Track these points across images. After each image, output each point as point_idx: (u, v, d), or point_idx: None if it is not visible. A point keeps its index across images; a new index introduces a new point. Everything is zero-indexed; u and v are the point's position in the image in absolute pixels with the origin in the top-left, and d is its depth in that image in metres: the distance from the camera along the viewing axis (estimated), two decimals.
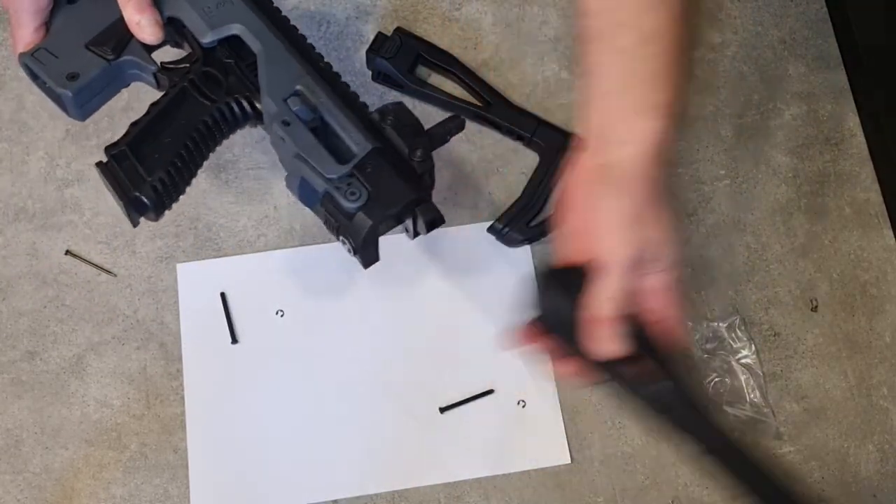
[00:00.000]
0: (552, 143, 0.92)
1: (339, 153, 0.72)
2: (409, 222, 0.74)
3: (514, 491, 0.85)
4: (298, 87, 0.73)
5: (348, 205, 0.70)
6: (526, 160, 0.95)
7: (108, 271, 0.92)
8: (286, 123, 0.72)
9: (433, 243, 0.92)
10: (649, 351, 0.65)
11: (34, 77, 0.75)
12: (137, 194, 0.71)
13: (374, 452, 0.85)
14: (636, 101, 0.64)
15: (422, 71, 0.97)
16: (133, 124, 0.73)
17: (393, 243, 0.90)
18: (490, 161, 0.95)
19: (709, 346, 0.88)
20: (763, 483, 0.65)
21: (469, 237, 0.92)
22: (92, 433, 0.86)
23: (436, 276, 0.91)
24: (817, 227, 0.93)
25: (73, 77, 0.74)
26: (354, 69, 0.98)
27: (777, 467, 0.66)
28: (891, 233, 0.93)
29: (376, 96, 0.97)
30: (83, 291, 0.91)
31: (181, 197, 0.77)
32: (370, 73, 0.97)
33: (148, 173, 0.72)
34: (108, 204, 0.94)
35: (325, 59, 0.78)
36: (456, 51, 0.98)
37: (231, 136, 0.79)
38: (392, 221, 0.73)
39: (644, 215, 0.64)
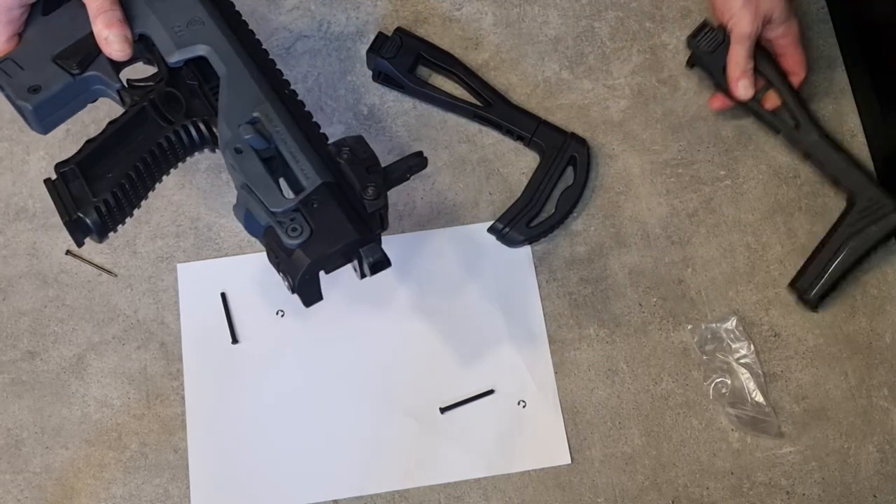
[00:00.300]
0: (552, 143, 0.93)
1: (290, 184, 0.71)
2: (356, 262, 0.71)
3: (515, 491, 0.85)
4: (255, 115, 0.71)
5: (288, 241, 0.67)
6: (526, 160, 0.95)
7: (108, 271, 0.92)
8: (238, 151, 0.70)
9: (434, 244, 0.92)
10: (779, 79, 0.91)
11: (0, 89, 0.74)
12: (80, 216, 0.69)
13: (374, 452, 0.85)
14: None
15: (423, 71, 0.97)
16: (88, 142, 0.71)
17: (393, 243, 0.90)
18: (490, 161, 0.95)
19: (708, 347, 0.88)
20: None
21: (469, 237, 0.92)
22: (92, 433, 0.86)
23: (436, 276, 0.91)
24: (818, 228, 0.93)
25: (35, 90, 0.72)
26: (355, 69, 0.98)
27: None
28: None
29: (377, 96, 0.97)
30: (84, 291, 0.91)
31: (184, 200, 0.77)
32: (370, 73, 0.97)
33: (95, 194, 0.70)
34: None
35: (291, 88, 0.76)
36: (457, 51, 0.98)
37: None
38: (336, 260, 0.70)
39: None
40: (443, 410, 0.87)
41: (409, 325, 0.89)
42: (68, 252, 0.92)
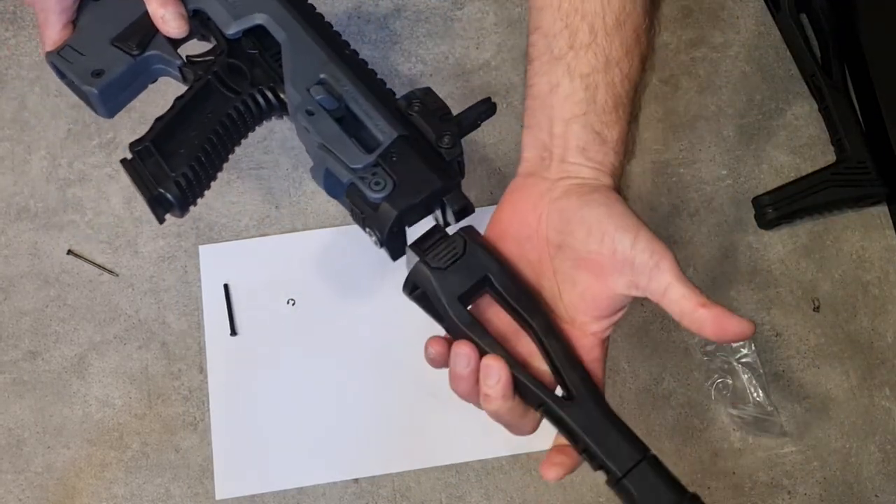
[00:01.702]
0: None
1: (364, 142, 0.71)
2: (438, 213, 0.72)
3: (516, 491, 0.85)
4: (323, 76, 0.72)
5: (373, 195, 0.68)
6: None
7: (109, 271, 0.92)
8: (310, 113, 0.71)
9: None
10: None
11: (61, 76, 0.75)
12: (161, 191, 0.70)
13: (396, 432, 0.87)
14: (596, 131, 0.63)
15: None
16: (157, 119, 0.73)
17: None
18: (491, 160, 0.95)
19: (708, 347, 0.88)
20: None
21: (473, 221, 0.92)
22: (94, 433, 0.86)
23: None
24: (819, 227, 0.93)
25: (98, 74, 0.73)
26: None
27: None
28: (893, 233, 0.93)
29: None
30: (85, 291, 0.91)
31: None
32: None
33: (172, 169, 0.71)
34: (110, 203, 0.94)
35: (352, 47, 0.77)
36: (458, 50, 0.98)
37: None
38: (419, 211, 0.70)
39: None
40: None
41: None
42: (70, 252, 0.92)
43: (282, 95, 0.74)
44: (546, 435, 0.86)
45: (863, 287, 0.92)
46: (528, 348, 0.62)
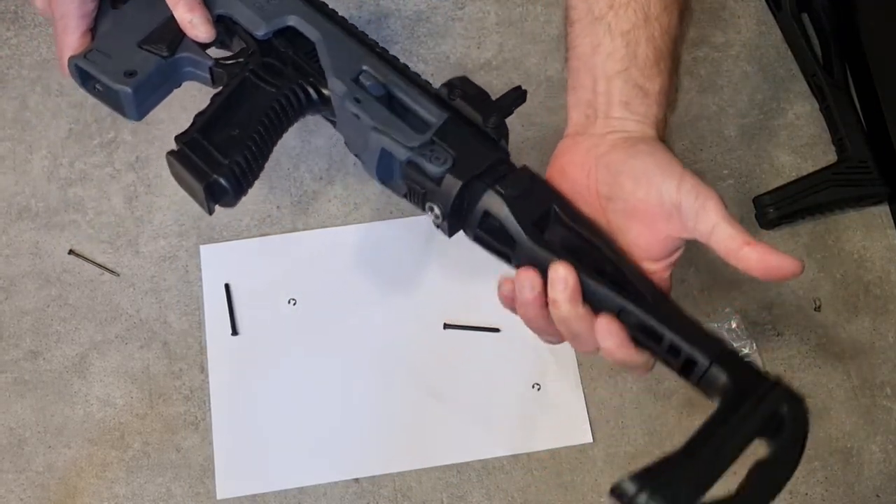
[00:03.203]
0: (743, 386, 0.59)
1: (414, 126, 0.72)
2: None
3: (517, 491, 0.85)
4: (364, 67, 0.73)
5: (435, 169, 0.68)
6: (529, 160, 0.95)
7: (111, 271, 0.92)
8: (358, 101, 0.71)
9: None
10: None
11: (85, 78, 0.74)
12: (217, 177, 0.69)
13: (395, 432, 0.86)
14: (638, 85, 0.65)
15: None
16: (198, 115, 0.72)
17: (405, 226, 0.92)
18: None
19: None
20: None
21: None
22: (95, 432, 0.87)
23: (450, 258, 0.92)
24: (820, 227, 0.93)
25: (130, 74, 0.73)
26: None
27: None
28: (894, 233, 0.93)
29: None
30: (86, 291, 0.91)
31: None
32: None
33: (224, 157, 0.70)
34: (111, 203, 0.94)
35: (381, 45, 0.78)
36: (459, 50, 0.98)
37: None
38: (480, 184, 0.70)
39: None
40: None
41: (426, 308, 0.90)
42: (71, 252, 0.92)
43: (322, 90, 0.75)
44: (546, 435, 0.86)
45: (864, 287, 0.91)
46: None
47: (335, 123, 0.76)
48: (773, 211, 0.92)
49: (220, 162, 0.70)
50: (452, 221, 0.70)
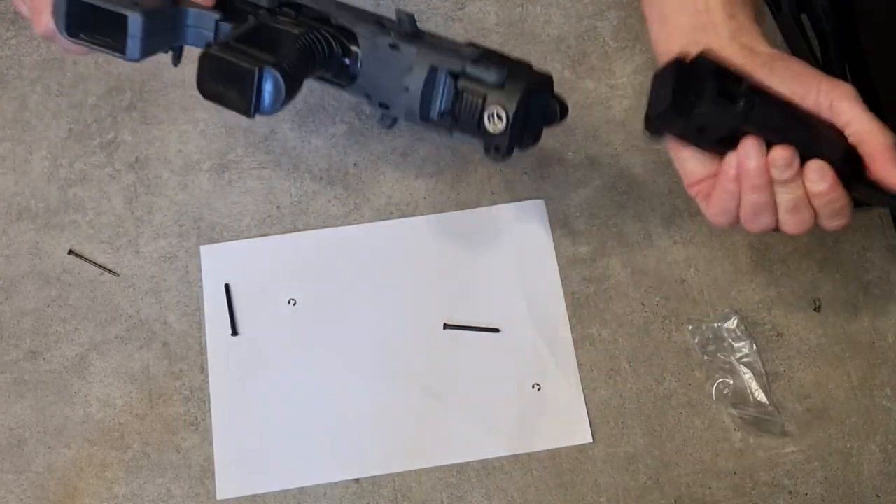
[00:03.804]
0: None
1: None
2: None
3: (517, 491, 0.85)
4: (383, 16, 0.73)
5: (492, 77, 0.68)
6: (528, 161, 0.95)
7: (111, 271, 0.92)
8: (394, 46, 0.71)
9: (444, 225, 0.93)
10: None
11: (74, 21, 0.69)
12: (268, 66, 0.66)
13: (394, 432, 0.86)
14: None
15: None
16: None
17: (405, 226, 0.92)
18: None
19: (710, 348, 0.88)
20: None
21: (477, 221, 0.93)
22: (95, 433, 0.86)
23: (451, 257, 0.92)
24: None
25: (135, 3, 0.69)
26: None
27: None
28: (894, 233, 0.93)
29: None
30: (86, 291, 0.91)
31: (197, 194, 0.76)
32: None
33: (270, 55, 0.67)
34: (111, 203, 0.94)
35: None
36: None
37: (234, 135, 0.77)
38: (535, 98, 0.71)
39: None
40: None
41: (426, 308, 0.90)
42: (71, 252, 0.92)
43: (342, 40, 0.73)
44: (546, 435, 0.86)
45: (864, 287, 0.92)
46: None
47: (347, 86, 0.74)
48: None
49: (267, 59, 0.67)
50: (513, 132, 0.69)
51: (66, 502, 0.84)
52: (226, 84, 0.67)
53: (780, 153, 0.64)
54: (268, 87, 0.67)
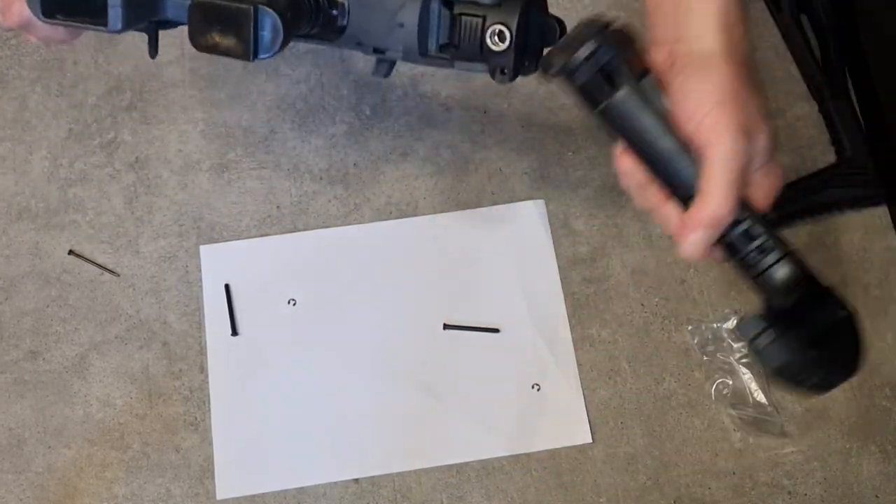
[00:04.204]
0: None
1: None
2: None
3: (517, 491, 0.85)
4: None
5: None
6: (529, 161, 0.95)
7: (111, 271, 0.92)
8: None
9: (443, 225, 0.93)
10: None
11: (49, 2, 0.67)
12: (264, 6, 0.64)
13: (394, 432, 0.87)
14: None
15: None
16: None
17: (405, 226, 0.93)
18: (492, 161, 0.95)
19: (709, 348, 0.88)
20: None
21: (477, 221, 0.93)
22: (94, 433, 0.87)
23: (450, 257, 0.92)
24: (819, 228, 0.93)
25: None
26: (357, 68, 0.98)
27: None
28: (893, 234, 0.93)
29: (379, 96, 0.97)
30: (86, 291, 0.91)
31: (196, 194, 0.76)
32: (381, 71, 0.78)
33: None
34: (111, 203, 0.94)
35: None
36: None
37: (233, 135, 0.76)
38: (532, 20, 0.70)
39: (740, 94, 0.59)
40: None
41: (426, 308, 0.90)
42: (71, 252, 0.92)
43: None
44: (546, 436, 0.86)
45: (863, 288, 0.92)
46: None
47: (336, 39, 0.72)
48: (771, 212, 0.92)
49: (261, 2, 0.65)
50: (518, 44, 0.69)
51: (66, 502, 0.85)
52: (220, 31, 0.66)
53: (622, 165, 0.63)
54: (266, 27, 0.65)
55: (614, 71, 0.62)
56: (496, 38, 0.69)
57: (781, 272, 0.64)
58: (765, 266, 0.63)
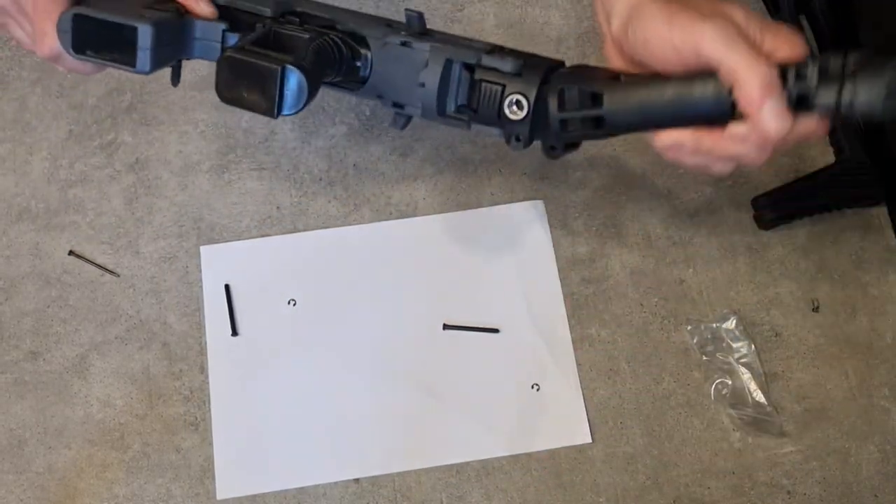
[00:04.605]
0: None
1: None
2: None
3: (516, 491, 0.85)
4: (390, 19, 0.73)
5: (511, 64, 0.69)
6: (528, 161, 0.95)
7: (111, 272, 0.92)
8: (406, 43, 0.71)
9: (443, 226, 0.93)
10: None
11: (80, 36, 0.69)
12: (291, 65, 0.66)
13: (394, 432, 0.87)
14: None
15: None
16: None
17: (405, 226, 0.93)
18: (492, 162, 0.95)
19: (708, 348, 0.88)
20: None
21: (477, 221, 0.94)
22: (95, 433, 0.87)
23: (450, 257, 0.92)
24: (818, 228, 0.93)
25: (143, 15, 0.68)
26: None
27: None
28: (892, 233, 0.93)
29: None
30: (86, 291, 0.91)
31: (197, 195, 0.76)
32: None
33: (288, 55, 0.67)
34: (111, 204, 0.94)
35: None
36: None
37: (233, 136, 0.77)
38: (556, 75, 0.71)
39: (681, 3, 0.63)
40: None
41: (426, 308, 0.90)
42: (71, 252, 0.92)
43: (351, 43, 0.73)
44: (545, 436, 0.86)
45: (862, 287, 0.92)
46: None
47: (358, 89, 0.74)
48: (770, 212, 0.92)
49: (286, 58, 0.66)
50: (535, 116, 0.70)
51: (66, 502, 0.85)
52: (247, 86, 0.67)
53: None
54: (291, 86, 0.67)
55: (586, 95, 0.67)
56: (514, 106, 0.70)
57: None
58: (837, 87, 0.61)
